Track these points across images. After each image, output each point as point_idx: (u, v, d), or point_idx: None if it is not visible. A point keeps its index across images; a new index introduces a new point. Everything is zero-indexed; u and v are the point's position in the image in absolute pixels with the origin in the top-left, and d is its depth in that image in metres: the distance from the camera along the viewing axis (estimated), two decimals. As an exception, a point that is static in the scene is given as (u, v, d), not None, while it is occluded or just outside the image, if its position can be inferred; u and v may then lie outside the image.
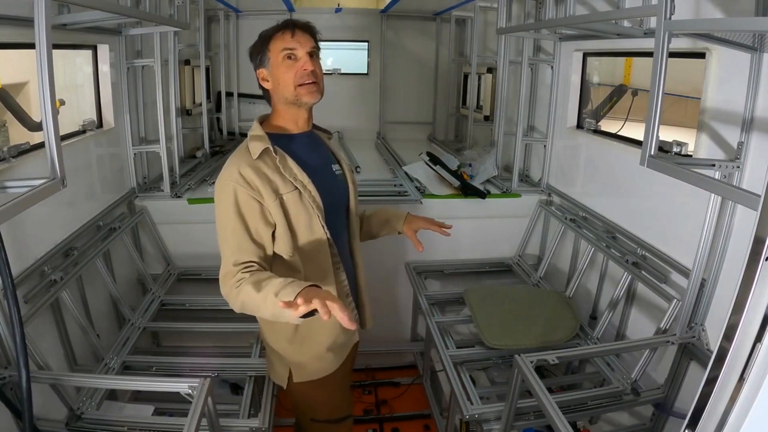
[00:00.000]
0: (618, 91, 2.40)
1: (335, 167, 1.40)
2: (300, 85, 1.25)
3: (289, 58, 1.25)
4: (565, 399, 1.55)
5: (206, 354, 1.84)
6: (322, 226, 1.29)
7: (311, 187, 1.27)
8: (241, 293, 1.14)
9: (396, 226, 1.58)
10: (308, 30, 1.29)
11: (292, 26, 1.27)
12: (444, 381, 2.26)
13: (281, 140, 1.29)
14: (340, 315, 0.97)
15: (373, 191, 2.58)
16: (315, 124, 1.41)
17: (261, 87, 1.34)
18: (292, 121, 1.33)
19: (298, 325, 1.32)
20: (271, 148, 1.24)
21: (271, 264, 1.27)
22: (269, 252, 1.25)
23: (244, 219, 1.21)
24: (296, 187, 1.25)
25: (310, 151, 1.36)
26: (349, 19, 4.00)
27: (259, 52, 1.29)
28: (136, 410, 1.68)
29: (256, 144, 1.25)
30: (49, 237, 1.78)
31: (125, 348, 1.88)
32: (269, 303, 1.07)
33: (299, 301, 0.96)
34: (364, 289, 1.50)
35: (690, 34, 1.41)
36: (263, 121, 1.35)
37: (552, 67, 2.55)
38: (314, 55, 1.28)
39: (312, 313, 0.99)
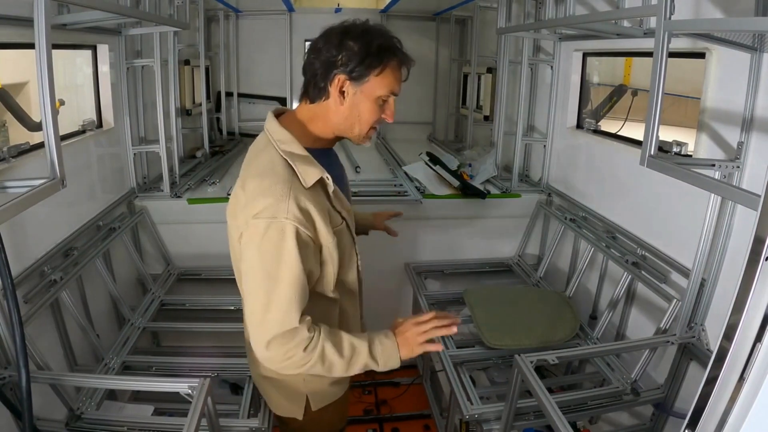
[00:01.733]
0: (618, 91, 2.40)
1: (347, 180, 1.28)
2: (372, 128, 1.09)
3: (385, 101, 1.06)
4: (565, 399, 1.55)
5: (206, 354, 1.84)
6: (357, 254, 1.20)
7: (352, 216, 1.15)
8: (314, 357, 1.01)
9: (366, 228, 1.50)
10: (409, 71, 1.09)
11: (407, 64, 1.06)
12: (444, 381, 2.26)
13: (318, 157, 1.07)
14: (451, 330, 1.07)
15: (373, 191, 2.59)
16: None
17: (321, 85, 1.03)
18: (332, 140, 1.13)
19: None
20: (327, 178, 1.05)
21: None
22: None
23: (305, 264, 1.01)
24: (343, 219, 1.11)
25: (338, 167, 1.21)
26: (349, 19, 4.00)
27: (362, 64, 1.00)
28: (136, 410, 1.68)
29: (306, 169, 1.02)
30: (49, 237, 1.78)
31: (125, 348, 1.88)
32: (357, 365, 1.06)
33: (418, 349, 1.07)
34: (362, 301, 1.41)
35: (690, 34, 1.41)
36: (279, 116, 1.12)
37: (552, 67, 2.55)
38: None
39: None
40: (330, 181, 1.06)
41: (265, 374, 1.26)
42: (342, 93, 1.03)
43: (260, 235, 0.98)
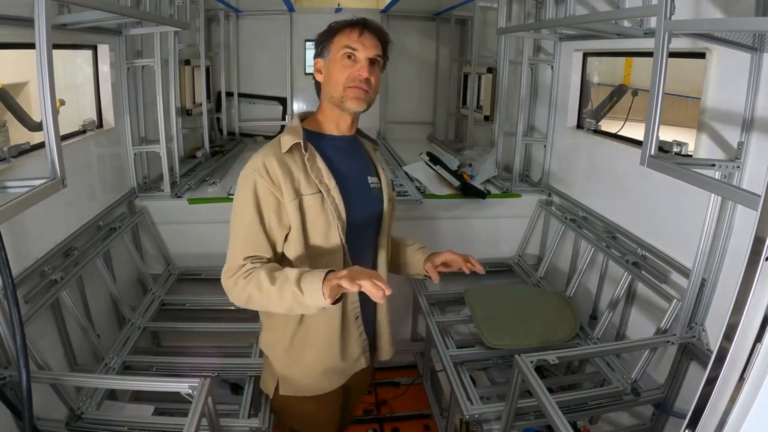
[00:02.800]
0: (618, 91, 2.40)
1: (372, 179, 1.29)
2: (348, 87, 1.17)
3: (349, 57, 1.16)
4: (565, 399, 1.55)
5: (206, 354, 1.84)
6: (340, 237, 1.19)
7: (336, 193, 1.17)
8: (250, 284, 1.10)
9: (417, 269, 1.43)
10: (379, 35, 1.20)
11: (362, 25, 1.18)
12: (444, 381, 2.26)
13: (317, 138, 1.22)
14: (370, 290, 0.98)
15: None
16: (360, 131, 1.32)
17: (315, 81, 1.26)
18: (333, 123, 1.24)
19: (293, 338, 1.26)
20: (302, 143, 1.16)
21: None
22: (279, 251, 1.19)
23: (260, 213, 1.14)
24: (320, 191, 1.17)
25: (346, 156, 1.26)
26: None
27: (322, 41, 1.22)
28: (136, 410, 1.68)
29: (288, 137, 1.17)
30: (50, 237, 1.78)
31: (125, 348, 1.88)
32: (287, 293, 1.06)
33: (344, 283, 0.99)
34: (383, 319, 1.37)
35: (690, 34, 1.41)
36: (305, 117, 1.28)
37: (552, 67, 2.55)
38: (376, 63, 1.19)
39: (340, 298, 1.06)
40: (303, 147, 1.16)
41: (261, 347, 1.38)
42: (320, 71, 1.23)
43: (239, 185, 1.18)
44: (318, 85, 1.25)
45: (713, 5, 1.50)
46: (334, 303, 1.04)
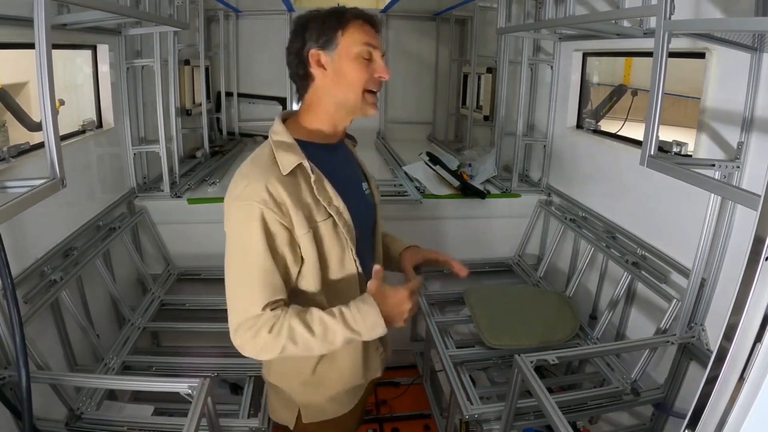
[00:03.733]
0: (618, 91, 2.40)
1: (364, 185, 1.20)
2: (368, 92, 1.05)
3: (366, 57, 1.03)
4: (565, 399, 1.56)
5: (206, 354, 1.84)
6: (354, 260, 1.10)
7: (347, 215, 1.06)
8: (280, 338, 0.96)
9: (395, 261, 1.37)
10: (379, 31, 1.08)
11: (371, 20, 1.04)
12: (444, 381, 2.25)
13: (314, 151, 1.06)
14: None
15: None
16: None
17: (300, 75, 1.06)
18: (331, 127, 1.09)
19: (316, 367, 1.15)
20: (307, 165, 1.02)
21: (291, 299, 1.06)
22: (291, 286, 1.05)
23: (273, 250, 0.98)
24: (330, 215, 1.04)
25: (342, 166, 1.15)
26: None
27: (324, 30, 1.02)
28: (136, 410, 1.68)
29: (286, 156, 1.01)
30: (49, 237, 1.78)
31: (125, 348, 1.88)
32: (337, 339, 0.98)
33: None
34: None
35: (690, 34, 1.41)
36: (287, 119, 1.11)
37: (552, 67, 2.55)
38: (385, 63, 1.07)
39: None
40: (309, 170, 1.02)
41: (267, 378, 1.26)
42: (321, 66, 1.04)
43: (231, 217, 1.00)
44: (306, 83, 1.06)
45: (713, 5, 1.50)
46: None
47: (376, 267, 1.05)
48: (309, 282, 1.07)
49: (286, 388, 1.22)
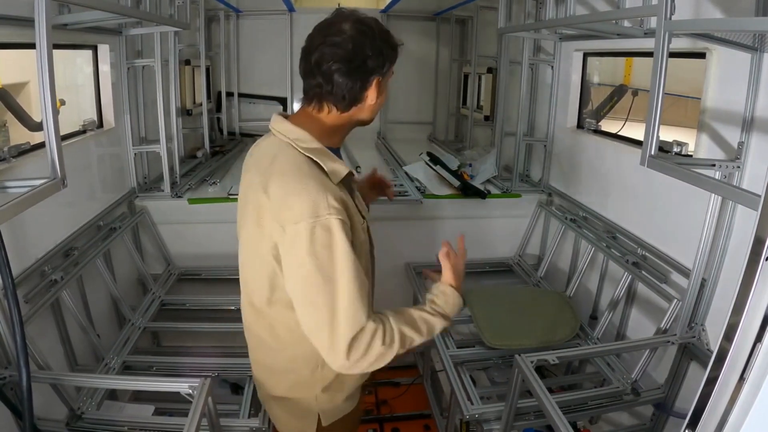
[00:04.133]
0: (618, 91, 2.40)
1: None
2: None
3: None
4: (565, 399, 1.55)
5: (206, 354, 1.85)
6: (372, 258, 1.22)
7: (367, 215, 1.13)
8: (396, 343, 0.98)
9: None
10: None
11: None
12: (444, 381, 2.26)
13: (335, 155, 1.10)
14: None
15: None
16: None
17: (352, 90, 1.00)
18: (340, 137, 1.11)
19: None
20: (353, 173, 1.07)
21: None
22: None
23: (355, 257, 0.97)
24: (364, 218, 1.10)
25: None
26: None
27: (391, 57, 1.04)
28: (136, 410, 1.68)
29: (333, 165, 1.01)
30: (50, 237, 1.78)
31: (125, 348, 1.88)
32: (436, 329, 1.09)
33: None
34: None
35: (690, 34, 1.41)
36: (287, 119, 1.11)
37: (552, 67, 2.55)
38: None
39: None
40: (355, 176, 1.11)
41: (275, 394, 1.24)
42: (379, 92, 1.05)
43: (307, 239, 0.93)
44: (348, 100, 1.02)
45: (713, 5, 1.50)
46: None
47: (443, 250, 1.15)
48: None
49: (303, 397, 1.20)
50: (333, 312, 0.94)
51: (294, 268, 0.97)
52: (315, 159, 1.00)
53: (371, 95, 1.03)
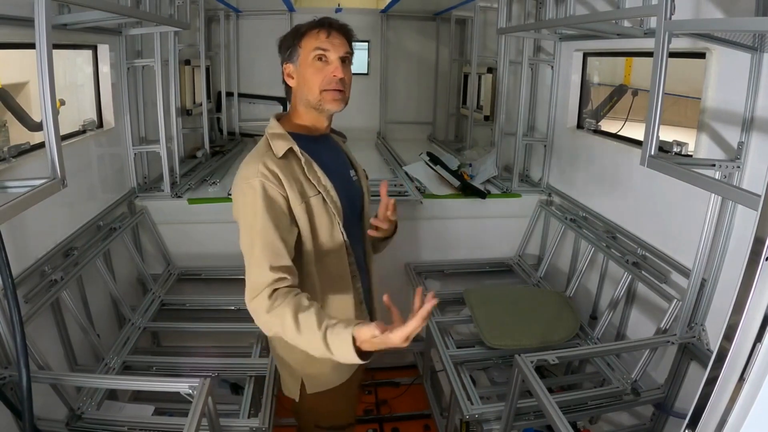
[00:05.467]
0: (618, 91, 2.40)
1: (352, 173, 1.34)
2: (325, 90, 1.18)
3: (320, 59, 1.17)
4: (565, 399, 1.55)
5: (206, 354, 1.84)
6: (342, 233, 1.23)
7: (333, 192, 1.20)
8: (275, 322, 1.04)
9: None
10: (345, 33, 1.21)
11: (328, 25, 1.19)
12: (444, 381, 2.26)
13: (303, 141, 1.21)
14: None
15: (374, 191, 2.58)
16: (331, 128, 1.34)
17: (284, 83, 1.26)
18: (311, 125, 1.25)
19: None
20: (296, 149, 1.17)
21: None
22: (292, 255, 1.14)
23: (275, 217, 1.10)
24: (319, 192, 1.18)
25: (329, 154, 1.29)
26: (349, 19, 3.95)
27: (289, 45, 1.21)
28: (136, 410, 1.68)
29: (279, 143, 1.17)
30: (50, 237, 1.78)
31: (125, 348, 1.88)
32: (314, 346, 0.99)
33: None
34: (375, 296, 1.43)
35: (690, 34, 1.41)
36: (280, 119, 1.27)
37: (552, 67, 2.55)
38: (346, 61, 1.20)
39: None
40: (299, 153, 1.17)
41: (274, 349, 1.36)
42: (290, 76, 1.23)
43: (238, 199, 1.14)
44: (289, 90, 1.25)
45: (713, 5, 1.50)
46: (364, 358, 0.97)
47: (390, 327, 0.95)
48: (303, 251, 1.19)
49: (290, 359, 1.31)
50: (249, 261, 1.10)
51: (238, 222, 1.15)
52: (269, 140, 1.18)
53: (288, 81, 1.24)
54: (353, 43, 1.24)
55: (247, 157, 1.18)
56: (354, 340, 0.95)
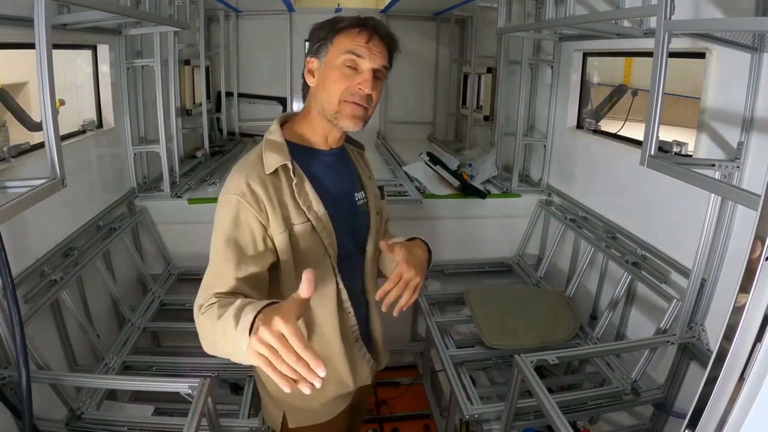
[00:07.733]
0: (618, 91, 2.40)
1: (358, 195, 1.16)
2: (345, 102, 1.01)
3: (350, 66, 1.00)
4: (565, 399, 1.55)
5: (206, 354, 1.84)
6: (333, 268, 1.08)
7: (327, 222, 1.05)
8: (200, 323, 0.92)
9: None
10: (389, 43, 1.04)
11: (372, 29, 1.01)
12: (444, 381, 2.26)
13: (303, 155, 1.06)
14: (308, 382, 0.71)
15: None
16: (347, 136, 1.17)
17: (303, 78, 1.08)
18: (321, 136, 1.09)
19: None
20: (290, 166, 1.02)
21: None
22: (262, 288, 1.00)
23: (239, 243, 0.97)
24: (309, 219, 1.03)
25: (335, 173, 1.12)
26: None
27: (320, 38, 1.03)
28: (136, 410, 1.68)
29: (272, 156, 1.02)
30: (49, 237, 1.78)
31: (125, 348, 1.88)
32: (228, 335, 0.82)
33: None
34: (377, 328, 1.27)
35: (690, 34, 1.41)
36: (285, 121, 1.12)
37: (552, 67, 2.55)
38: (380, 77, 1.03)
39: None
40: (291, 172, 1.02)
41: (260, 378, 1.25)
42: (311, 73, 1.06)
43: (218, 208, 1.03)
44: (306, 88, 1.08)
45: (713, 5, 1.50)
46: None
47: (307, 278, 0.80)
48: (285, 284, 1.05)
49: (272, 388, 1.20)
50: (206, 273, 1.03)
51: None
52: (263, 150, 1.04)
53: (308, 77, 1.06)
54: (392, 60, 1.07)
55: (239, 163, 1.05)
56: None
